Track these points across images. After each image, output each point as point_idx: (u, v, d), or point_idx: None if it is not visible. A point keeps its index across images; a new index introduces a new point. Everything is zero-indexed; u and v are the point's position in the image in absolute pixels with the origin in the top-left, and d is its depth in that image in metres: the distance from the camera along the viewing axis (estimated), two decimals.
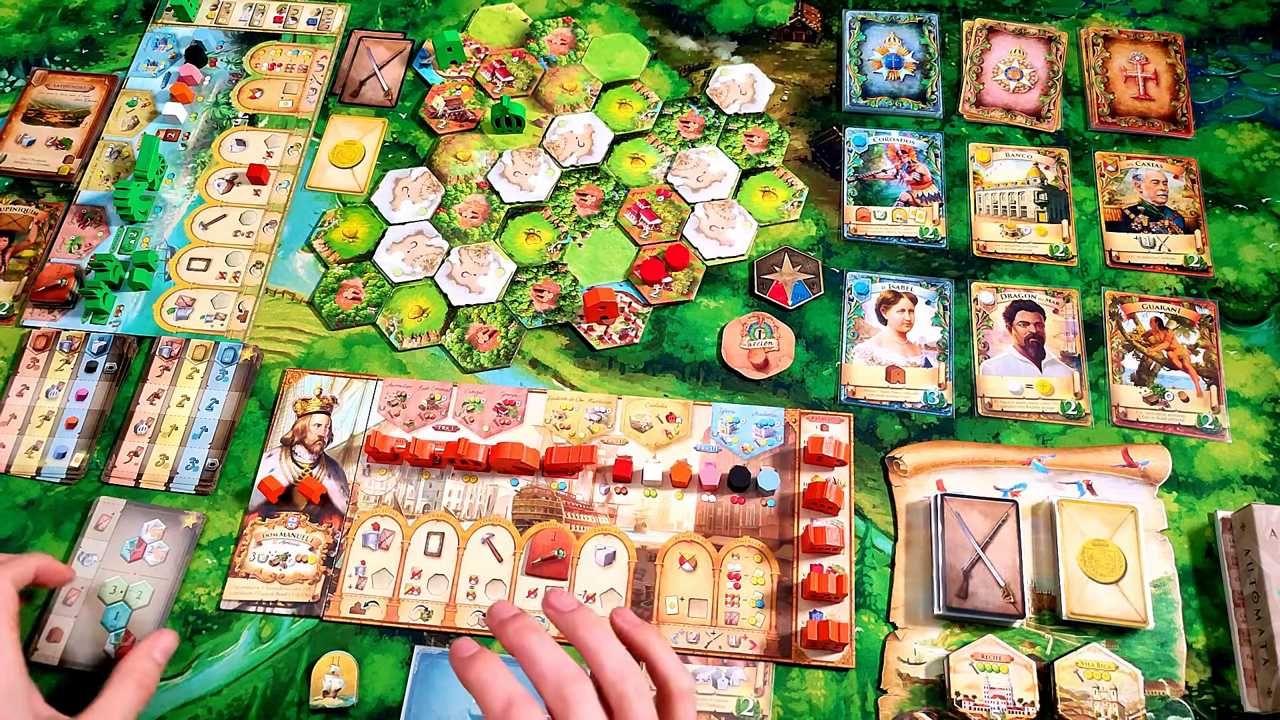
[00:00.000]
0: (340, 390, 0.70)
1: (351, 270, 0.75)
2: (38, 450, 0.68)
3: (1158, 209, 0.76)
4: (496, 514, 0.65)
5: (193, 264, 0.75)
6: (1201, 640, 0.62)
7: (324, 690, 0.60)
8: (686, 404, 0.69)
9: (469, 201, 0.77)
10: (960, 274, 0.74)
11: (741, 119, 0.81)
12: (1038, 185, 0.77)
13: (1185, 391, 0.69)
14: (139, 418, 0.69)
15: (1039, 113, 0.81)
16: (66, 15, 0.87)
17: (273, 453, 0.67)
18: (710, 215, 0.76)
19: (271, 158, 0.80)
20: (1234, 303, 0.73)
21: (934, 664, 0.61)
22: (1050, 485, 0.66)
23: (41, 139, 0.81)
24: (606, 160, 0.79)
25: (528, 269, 0.74)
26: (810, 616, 0.62)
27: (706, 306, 0.73)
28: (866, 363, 0.70)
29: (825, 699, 0.60)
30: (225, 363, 0.71)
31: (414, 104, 0.82)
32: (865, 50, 0.84)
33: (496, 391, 0.69)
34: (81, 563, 0.64)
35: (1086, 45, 0.84)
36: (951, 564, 0.62)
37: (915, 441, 0.68)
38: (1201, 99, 0.81)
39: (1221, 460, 0.67)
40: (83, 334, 0.72)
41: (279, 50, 0.85)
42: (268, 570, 0.64)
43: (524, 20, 0.87)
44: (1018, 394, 0.69)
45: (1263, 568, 0.60)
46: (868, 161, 0.79)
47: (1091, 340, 0.71)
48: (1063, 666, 0.60)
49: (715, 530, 0.65)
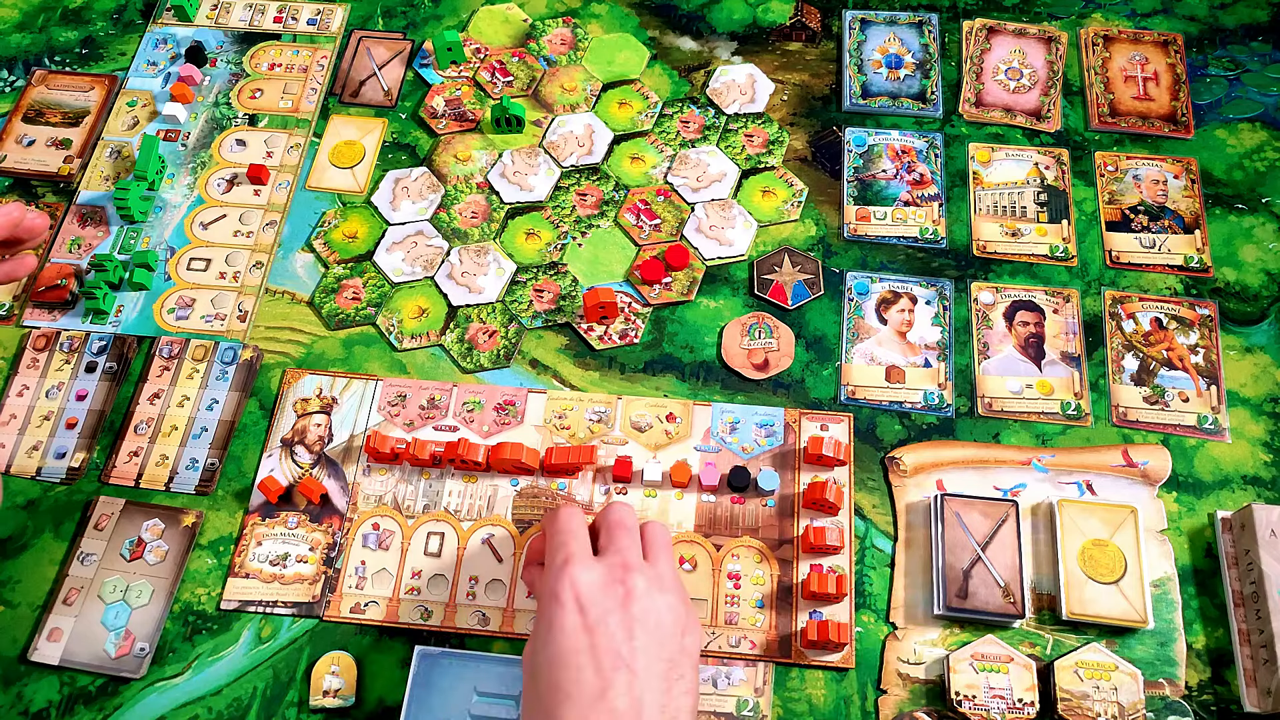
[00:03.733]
0: (340, 390, 0.70)
1: (351, 270, 0.75)
2: (38, 450, 0.68)
3: (1158, 209, 0.76)
4: (496, 514, 0.65)
5: (193, 264, 0.75)
6: (1201, 640, 0.62)
7: (324, 690, 0.60)
8: (686, 404, 0.69)
9: (469, 201, 0.77)
10: (960, 274, 0.74)
11: (741, 119, 0.81)
12: (1038, 185, 0.77)
13: (1185, 391, 0.69)
14: (139, 418, 0.69)
15: (1039, 113, 0.81)
16: (66, 15, 0.87)
17: (273, 453, 0.67)
18: (710, 215, 0.76)
19: (271, 158, 0.80)
20: (1234, 303, 0.73)
21: (934, 664, 0.61)
22: (1050, 485, 0.66)
23: (41, 139, 0.81)
24: (606, 160, 0.79)
25: (528, 269, 0.74)
26: (810, 616, 0.62)
27: (706, 306, 0.73)
28: (866, 363, 0.70)
29: (825, 699, 0.60)
30: (225, 363, 0.71)
31: (414, 104, 0.82)
32: (865, 50, 0.84)
33: (496, 391, 0.69)
34: (81, 563, 0.64)
35: (1086, 45, 0.84)
36: (951, 564, 0.62)
37: (915, 441, 0.68)
38: (1201, 99, 0.81)
39: (1221, 460, 0.67)
40: (83, 334, 0.72)
41: (279, 50, 0.85)
42: (268, 570, 0.64)
43: (524, 20, 0.87)
44: (1018, 394, 0.69)
45: (1263, 568, 0.60)
46: (868, 161, 0.79)
47: (1091, 340, 0.71)
48: (1063, 666, 0.60)
49: (715, 530, 0.65)
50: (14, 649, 0.61)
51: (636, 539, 0.55)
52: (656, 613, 0.51)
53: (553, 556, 0.53)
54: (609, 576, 0.51)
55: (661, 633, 0.51)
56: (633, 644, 0.49)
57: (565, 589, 0.51)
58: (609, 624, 0.50)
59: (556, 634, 0.50)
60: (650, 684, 0.48)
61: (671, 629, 0.51)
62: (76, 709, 0.60)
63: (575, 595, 0.50)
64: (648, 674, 0.49)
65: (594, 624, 0.49)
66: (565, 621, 0.50)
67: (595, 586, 0.51)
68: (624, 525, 0.55)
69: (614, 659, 0.48)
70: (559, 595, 0.51)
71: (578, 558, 0.52)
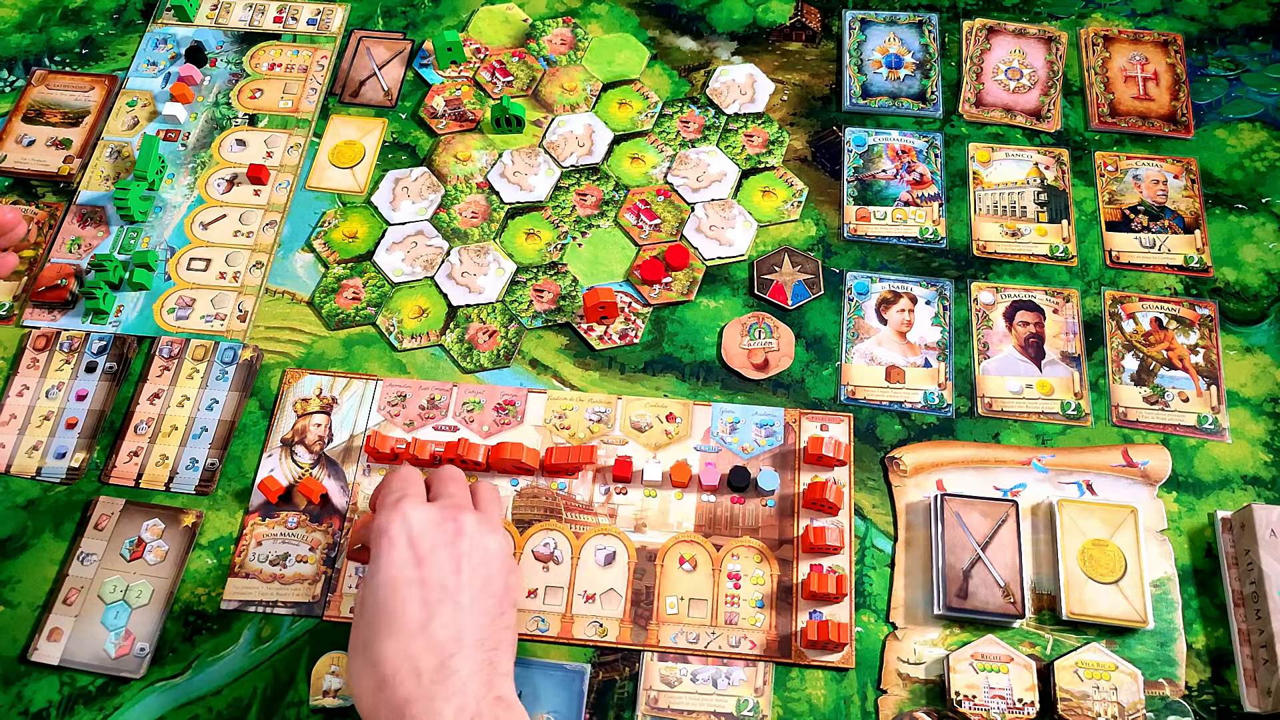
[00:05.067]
0: (340, 390, 0.70)
1: (351, 270, 0.75)
2: (38, 450, 0.68)
3: (1158, 209, 0.76)
4: None
5: (193, 264, 0.75)
6: (1201, 640, 0.62)
7: (324, 690, 0.60)
8: (686, 404, 0.69)
9: (469, 201, 0.77)
10: (960, 274, 0.74)
11: (741, 119, 0.81)
12: (1038, 185, 0.77)
13: (1185, 391, 0.69)
14: (139, 418, 0.69)
15: (1039, 113, 0.81)
16: (66, 15, 0.87)
17: (273, 453, 0.67)
18: (710, 215, 0.76)
19: (271, 158, 0.80)
20: (1234, 303, 0.73)
21: (934, 664, 0.61)
22: (1050, 485, 0.66)
23: (41, 139, 0.81)
24: (606, 160, 0.79)
25: (528, 269, 0.74)
26: (810, 616, 0.62)
27: (706, 306, 0.73)
28: (866, 363, 0.70)
29: (825, 699, 0.60)
30: (225, 363, 0.71)
31: (414, 104, 0.82)
32: (865, 50, 0.84)
33: (496, 391, 0.69)
34: (81, 563, 0.64)
35: (1086, 45, 0.84)
36: (951, 564, 0.62)
37: (915, 441, 0.68)
38: (1201, 99, 0.81)
39: (1221, 460, 0.67)
40: (83, 334, 0.72)
41: (279, 50, 0.85)
42: (268, 570, 0.64)
43: (524, 20, 0.87)
44: (1018, 394, 0.69)
45: (1263, 568, 0.60)
46: (868, 161, 0.79)
47: (1091, 340, 0.71)
48: (1063, 666, 0.60)
49: (715, 530, 0.65)
50: (14, 649, 0.61)
51: (467, 489, 0.57)
52: (485, 550, 0.53)
53: (385, 497, 0.55)
54: (441, 514, 0.53)
55: (489, 569, 0.53)
56: (459, 578, 0.51)
57: (397, 524, 0.52)
58: (438, 557, 0.51)
59: (386, 566, 0.51)
60: (474, 618, 0.51)
61: (499, 568, 0.53)
62: (76, 709, 0.60)
63: (407, 530, 0.52)
64: (472, 608, 0.51)
65: (424, 556, 0.51)
66: (395, 555, 0.51)
67: (427, 522, 0.52)
68: (455, 478, 0.57)
69: (440, 591, 0.51)
70: (390, 530, 0.52)
71: (411, 497, 0.54)
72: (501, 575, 0.53)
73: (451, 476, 0.57)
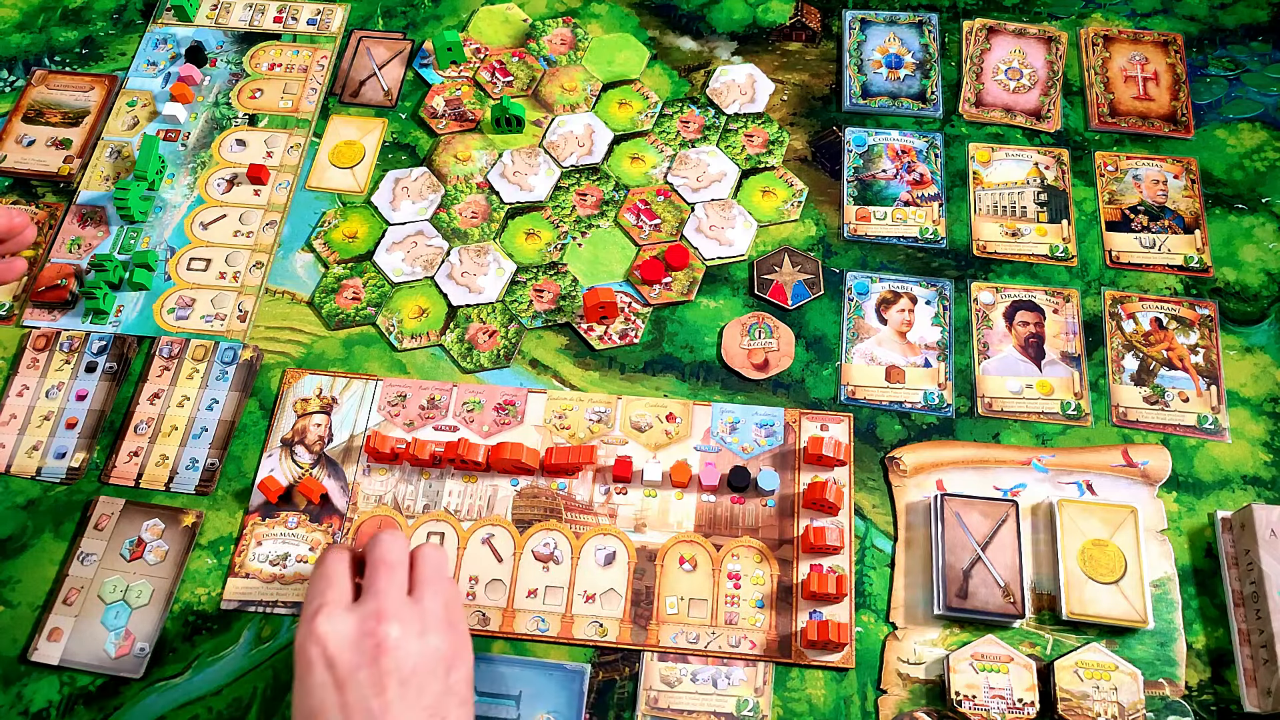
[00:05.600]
0: (340, 390, 0.70)
1: (351, 270, 0.75)
2: (38, 450, 0.68)
3: (1158, 209, 0.76)
4: (496, 514, 0.65)
5: (193, 264, 0.75)
6: (1201, 640, 0.62)
7: None
8: (686, 404, 0.69)
9: (469, 201, 0.77)
10: (960, 274, 0.74)
11: (741, 119, 0.81)
12: (1038, 185, 0.77)
13: (1185, 391, 0.69)
14: (139, 418, 0.69)
15: (1039, 113, 0.81)
16: (66, 15, 0.87)
17: (273, 453, 0.67)
18: (710, 215, 0.76)
19: (271, 158, 0.80)
20: (1234, 303, 0.73)
21: (934, 664, 0.61)
22: (1050, 485, 0.66)
23: (41, 139, 0.81)
24: (606, 160, 0.79)
25: (528, 269, 0.74)
26: (810, 616, 0.62)
27: (706, 306, 0.73)
28: (866, 363, 0.70)
29: (825, 699, 0.60)
30: (225, 363, 0.71)
31: (414, 104, 0.82)
32: (865, 50, 0.84)
33: (496, 391, 0.69)
34: (81, 563, 0.64)
35: (1086, 45, 0.84)
36: (951, 564, 0.62)
37: (915, 441, 0.68)
38: (1201, 99, 0.81)
39: (1221, 460, 0.67)
40: (83, 334, 0.72)
41: (279, 50, 0.85)
42: (268, 570, 0.64)
43: (524, 20, 0.87)
44: (1018, 394, 0.69)
45: (1263, 568, 0.60)
46: (868, 161, 0.79)
47: (1091, 340, 0.71)
48: (1063, 666, 0.60)
49: (715, 530, 0.65)
50: (14, 649, 0.61)
51: (398, 577, 0.53)
52: (412, 660, 0.50)
53: (307, 605, 0.52)
54: (360, 629, 0.50)
55: (419, 680, 0.49)
56: (384, 698, 0.48)
57: (313, 646, 0.49)
58: (358, 679, 0.48)
59: (305, 695, 0.49)
60: None
61: (432, 673, 0.50)
62: (76, 709, 0.60)
63: (323, 651, 0.49)
64: None
65: (343, 680, 0.48)
66: (313, 680, 0.49)
67: (344, 641, 0.49)
68: (385, 562, 0.53)
69: (364, 716, 0.48)
70: (307, 653, 0.49)
71: (328, 608, 0.50)
72: (439, 678, 0.50)
73: (381, 560, 0.53)
